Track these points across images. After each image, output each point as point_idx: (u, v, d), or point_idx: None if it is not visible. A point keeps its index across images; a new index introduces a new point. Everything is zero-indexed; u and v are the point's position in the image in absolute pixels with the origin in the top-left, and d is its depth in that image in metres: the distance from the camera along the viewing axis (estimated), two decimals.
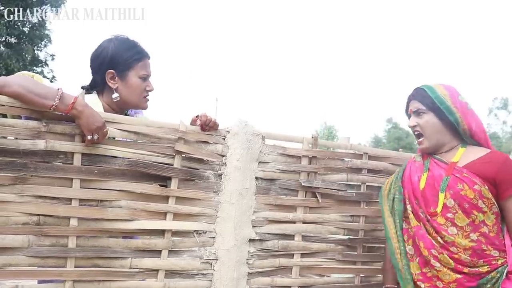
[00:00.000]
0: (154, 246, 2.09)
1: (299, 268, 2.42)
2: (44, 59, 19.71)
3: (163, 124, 2.11)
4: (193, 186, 2.17)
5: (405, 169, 2.38)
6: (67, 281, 1.91)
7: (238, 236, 2.24)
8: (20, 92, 1.78)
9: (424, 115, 2.25)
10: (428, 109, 2.23)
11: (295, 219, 2.41)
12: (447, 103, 2.21)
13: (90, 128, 1.86)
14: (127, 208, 2.03)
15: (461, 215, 2.12)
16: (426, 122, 2.24)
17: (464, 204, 2.11)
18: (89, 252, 1.96)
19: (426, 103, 2.24)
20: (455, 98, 2.24)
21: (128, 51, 2.20)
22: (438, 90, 2.24)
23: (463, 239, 2.11)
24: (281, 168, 2.38)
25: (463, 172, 2.15)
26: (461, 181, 2.13)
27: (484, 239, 2.11)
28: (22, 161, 1.84)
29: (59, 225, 1.91)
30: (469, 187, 2.11)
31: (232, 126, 2.27)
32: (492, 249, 2.10)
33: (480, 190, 2.10)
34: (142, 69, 2.22)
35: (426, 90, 2.26)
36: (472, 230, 2.11)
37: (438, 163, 2.25)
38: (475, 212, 2.11)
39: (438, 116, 2.22)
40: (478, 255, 2.10)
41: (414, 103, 2.29)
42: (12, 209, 1.83)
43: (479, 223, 2.11)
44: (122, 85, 2.19)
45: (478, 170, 2.14)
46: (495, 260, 2.09)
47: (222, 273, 2.20)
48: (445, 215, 2.15)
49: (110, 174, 2.00)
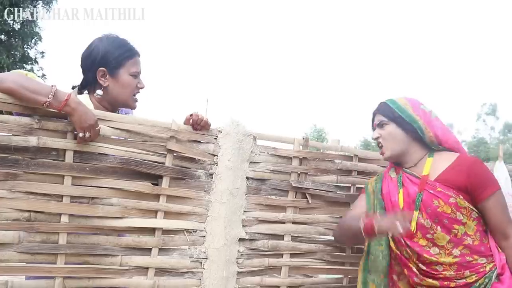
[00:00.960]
0: (145, 244, 2.10)
1: (288, 268, 2.44)
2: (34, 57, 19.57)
3: (155, 123, 2.12)
4: (184, 185, 2.19)
5: (383, 185, 2.37)
6: (57, 278, 1.92)
7: (228, 235, 2.25)
8: (13, 88, 1.78)
9: (386, 126, 2.27)
10: (389, 120, 2.26)
11: (285, 220, 2.43)
12: (408, 111, 2.24)
13: (83, 126, 1.87)
14: (118, 206, 2.04)
15: (440, 234, 2.12)
16: (388, 133, 2.26)
17: (443, 220, 2.11)
18: (80, 249, 1.96)
19: (387, 115, 2.27)
20: (417, 107, 2.27)
21: (119, 49, 2.21)
22: (399, 101, 2.28)
23: (446, 257, 2.11)
24: (272, 168, 2.40)
25: (436, 187, 2.14)
26: (435, 197, 2.13)
27: (469, 250, 2.11)
28: (14, 157, 1.84)
29: (50, 222, 1.92)
30: (444, 203, 2.11)
31: (223, 126, 2.28)
32: (478, 257, 2.11)
33: (455, 202, 2.10)
34: (133, 66, 2.23)
35: (387, 103, 2.30)
36: (454, 246, 2.11)
37: (411, 178, 2.25)
38: (455, 226, 2.11)
39: (400, 126, 2.24)
40: (464, 267, 2.10)
41: (377, 116, 2.32)
42: (3, 205, 1.84)
43: (461, 236, 2.11)
44: (113, 83, 2.20)
45: (449, 182, 2.14)
46: (483, 267, 2.10)
47: (211, 272, 2.22)
48: (425, 236, 2.15)
49: (102, 171, 2.01)
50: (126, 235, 2.11)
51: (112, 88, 2.20)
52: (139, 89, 2.28)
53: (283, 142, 2.46)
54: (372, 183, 2.42)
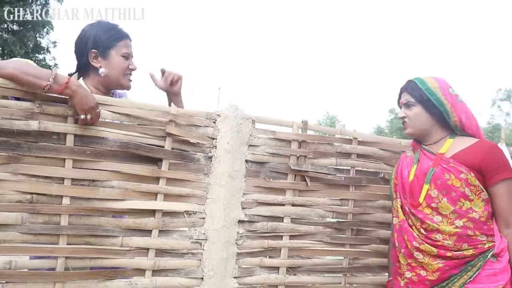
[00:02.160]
0: (145, 226, 2.14)
1: (287, 250, 2.47)
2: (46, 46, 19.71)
3: (154, 107, 2.16)
4: (183, 168, 2.23)
5: (398, 164, 2.44)
6: (59, 258, 1.97)
7: (228, 217, 2.30)
8: (15, 73, 1.83)
9: (413, 108, 2.31)
10: (417, 102, 2.29)
11: (284, 202, 2.46)
12: (437, 95, 2.26)
13: (84, 108, 1.91)
14: (119, 188, 2.08)
15: (444, 204, 2.17)
16: (414, 114, 2.30)
17: (451, 193, 2.16)
18: (81, 230, 2.01)
19: (415, 96, 2.29)
20: (445, 90, 2.29)
21: (108, 32, 2.30)
22: (429, 83, 2.29)
23: (447, 226, 2.16)
24: (271, 151, 2.43)
25: (450, 162, 2.20)
26: (447, 171, 2.18)
27: (472, 224, 2.15)
28: (16, 141, 1.89)
29: (52, 204, 1.96)
30: (455, 177, 2.16)
31: (222, 110, 2.32)
32: (479, 234, 2.15)
33: (466, 178, 2.15)
34: (123, 47, 2.32)
35: (416, 83, 2.31)
36: (458, 217, 2.16)
37: (427, 154, 2.30)
38: (462, 200, 2.15)
39: (427, 109, 2.28)
40: (463, 240, 2.14)
41: (404, 95, 2.35)
42: (6, 187, 1.89)
43: (466, 209, 2.15)
44: (105, 64, 2.28)
45: (464, 159, 2.19)
46: (482, 244, 2.14)
47: (211, 253, 2.26)
48: (430, 205, 2.21)
49: (102, 155, 2.05)
50: (126, 217, 2.16)
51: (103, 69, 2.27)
52: (131, 70, 2.35)
53: (282, 126, 2.49)
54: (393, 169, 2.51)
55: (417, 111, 2.30)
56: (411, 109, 2.31)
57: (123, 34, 2.36)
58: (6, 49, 16.96)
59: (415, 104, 2.30)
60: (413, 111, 2.31)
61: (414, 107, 2.30)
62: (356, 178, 2.63)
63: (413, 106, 2.31)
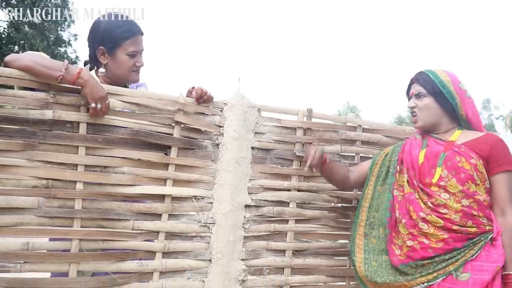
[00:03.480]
0: (155, 210, 2.23)
1: (293, 233, 2.55)
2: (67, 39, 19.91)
3: (163, 96, 2.24)
4: (191, 155, 2.31)
5: (406, 143, 2.47)
6: (74, 240, 2.06)
7: (235, 202, 2.38)
8: (30, 65, 1.93)
9: (424, 99, 2.33)
10: (428, 93, 2.32)
11: (290, 187, 2.54)
12: (449, 88, 2.29)
13: (94, 97, 2.00)
14: (129, 174, 2.17)
15: (453, 183, 2.21)
16: (425, 105, 2.33)
17: (461, 174, 2.20)
18: (94, 214, 2.10)
19: (427, 87, 2.32)
20: (456, 84, 2.32)
21: (118, 29, 2.28)
22: (441, 76, 2.32)
23: (454, 203, 2.20)
24: (277, 138, 2.51)
25: (461, 148, 2.24)
26: (459, 154, 2.23)
27: (477, 205, 2.19)
28: (32, 130, 1.98)
29: (66, 189, 2.06)
30: (466, 160, 2.21)
31: (229, 99, 2.39)
32: (482, 215, 2.19)
33: (476, 163, 2.20)
34: (130, 46, 2.30)
35: (429, 75, 2.33)
36: (464, 197, 2.20)
37: (437, 141, 2.34)
38: (469, 182, 2.20)
39: (437, 101, 2.31)
40: (468, 217, 2.18)
41: (415, 86, 2.37)
42: (22, 173, 1.98)
43: (473, 191, 2.20)
44: (111, 61, 2.31)
45: (474, 147, 2.24)
46: (484, 225, 2.19)
47: (219, 236, 2.34)
48: (439, 183, 2.24)
49: (114, 142, 2.13)
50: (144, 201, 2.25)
51: (110, 66, 2.31)
52: (138, 67, 2.35)
53: (287, 114, 2.55)
54: (388, 148, 2.53)
55: (427, 102, 2.32)
56: (422, 100, 2.34)
57: (133, 32, 2.33)
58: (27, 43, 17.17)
59: (426, 95, 2.32)
60: (424, 102, 2.33)
61: (425, 98, 2.33)
62: None
63: (424, 97, 2.33)
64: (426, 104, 2.33)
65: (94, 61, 2.36)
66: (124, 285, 2.16)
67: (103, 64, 2.32)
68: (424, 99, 2.33)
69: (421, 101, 2.34)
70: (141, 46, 2.37)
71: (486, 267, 2.14)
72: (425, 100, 2.33)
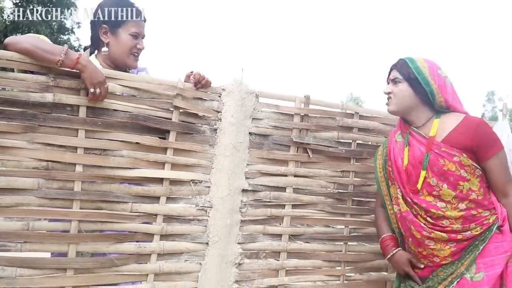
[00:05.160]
0: (153, 193, 2.26)
1: (290, 218, 2.58)
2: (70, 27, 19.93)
3: (162, 81, 2.26)
4: (190, 139, 2.33)
5: (389, 150, 2.44)
6: (73, 221, 2.10)
7: (232, 186, 2.41)
8: (30, 48, 1.96)
9: (400, 84, 2.32)
10: (404, 79, 2.30)
11: (287, 173, 2.56)
12: (424, 74, 2.27)
13: (93, 82, 2.02)
14: (128, 158, 2.20)
15: (446, 191, 2.20)
16: (399, 90, 2.31)
17: (449, 178, 2.20)
18: (93, 196, 2.13)
19: (403, 73, 2.31)
20: (434, 71, 2.29)
21: (122, 9, 2.33)
22: (418, 62, 2.30)
23: (452, 211, 2.21)
24: (274, 124, 2.53)
25: (441, 147, 2.22)
26: (441, 156, 2.21)
27: (474, 204, 2.20)
28: (32, 112, 2.01)
29: (66, 171, 2.09)
30: (449, 161, 2.19)
31: (227, 85, 2.41)
32: (482, 211, 2.21)
33: (459, 160, 2.19)
34: (133, 27, 2.34)
35: (406, 61, 2.33)
36: (460, 201, 2.20)
37: (417, 137, 2.31)
38: (461, 183, 2.20)
39: (412, 87, 2.29)
40: (469, 220, 2.20)
41: (393, 72, 2.37)
42: (23, 154, 2.01)
43: (466, 192, 2.20)
44: (113, 40, 2.34)
45: (455, 142, 2.21)
46: (487, 220, 2.20)
47: (216, 220, 2.38)
48: (431, 193, 2.24)
49: (113, 126, 2.16)
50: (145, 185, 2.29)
51: (112, 45, 2.34)
52: (138, 49, 2.38)
53: (285, 100, 2.58)
54: (380, 150, 2.53)
55: (402, 87, 2.31)
56: (397, 86, 2.33)
57: (136, 14, 2.38)
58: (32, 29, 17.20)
59: (401, 81, 2.31)
60: (399, 87, 2.32)
61: (401, 83, 2.32)
62: (357, 151, 2.72)
63: (400, 82, 2.32)
64: (401, 89, 2.31)
65: (95, 42, 2.38)
66: (122, 266, 2.20)
67: (105, 44, 2.34)
68: (399, 84, 2.32)
69: (396, 87, 2.33)
70: (143, 31, 2.41)
71: (496, 261, 2.16)
72: (400, 85, 2.32)
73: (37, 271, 2.05)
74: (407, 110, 2.34)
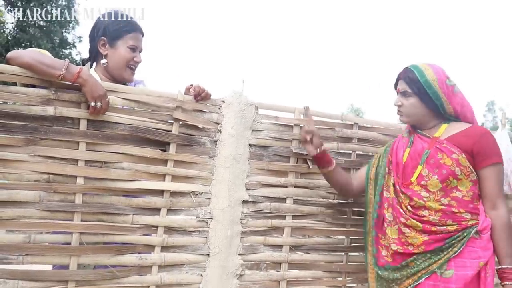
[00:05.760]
0: (154, 205, 2.27)
1: (290, 229, 2.58)
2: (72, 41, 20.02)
3: (161, 94, 2.28)
4: (190, 151, 2.34)
5: (394, 143, 2.49)
6: (74, 233, 2.10)
7: (232, 198, 2.41)
8: (31, 62, 1.98)
9: (410, 98, 2.33)
10: (413, 93, 2.32)
11: (287, 184, 2.57)
12: (434, 88, 2.28)
13: (93, 96, 2.04)
14: (129, 170, 2.21)
15: (433, 181, 2.24)
16: (410, 104, 2.33)
17: (442, 171, 2.23)
18: (94, 208, 2.14)
19: (412, 87, 2.31)
20: (443, 82, 2.30)
21: (121, 23, 2.38)
22: (427, 74, 2.30)
23: (433, 202, 2.24)
24: (274, 136, 2.54)
25: (443, 143, 2.26)
26: (440, 151, 2.25)
27: (457, 203, 2.23)
28: (33, 125, 2.03)
29: (67, 183, 2.10)
30: (447, 156, 2.23)
31: (226, 97, 2.42)
32: (464, 211, 2.22)
33: (457, 158, 2.22)
34: (131, 40, 2.39)
35: (415, 73, 2.32)
36: (443, 195, 2.24)
37: (422, 138, 2.36)
38: (450, 178, 2.22)
39: (423, 100, 2.31)
40: (447, 216, 2.22)
41: (402, 84, 2.37)
42: (24, 167, 2.03)
43: (451, 188, 2.23)
44: (111, 52, 2.38)
45: (457, 142, 2.25)
46: (465, 221, 2.21)
47: (217, 231, 2.38)
48: (420, 183, 2.28)
49: (113, 138, 2.17)
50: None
51: (110, 57, 2.38)
52: (136, 62, 2.43)
53: (284, 111, 2.59)
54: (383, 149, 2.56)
55: (413, 101, 2.33)
56: (408, 99, 2.34)
57: (135, 28, 2.43)
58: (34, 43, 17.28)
59: (411, 95, 2.32)
60: (409, 101, 2.34)
61: (411, 97, 2.33)
62: (357, 161, 2.72)
63: (410, 96, 2.33)
64: (411, 103, 2.34)
65: (94, 54, 2.41)
66: (123, 278, 2.20)
67: (103, 56, 2.37)
68: (410, 98, 2.34)
69: (407, 100, 2.35)
70: (141, 45, 2.45)
71: (468, 263, 2.18)
72: (411, 99, 2.34)
73: (38, 284, 2.05)
74: (418, 120, 2.38)
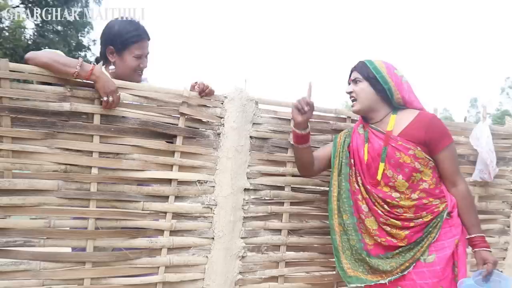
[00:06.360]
0: (163, 193, 2.34)
1: (288, 215, 2.65)
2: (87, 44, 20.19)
3: (169, 90, 2.34)
4: (195, 143, 2.41)
5: (352, 140, 2.48)
6: (90, 219, 2.18)
7: (235, 186, 2.48)
8: (48, 62, 2.05)
9: (360, 83, 2.37)
10: (364, 78, 2.36)
11: (285, 173, 2.64)
12: (382, 73, 2.33)
13: (106, 91, 2.11)
14: (139, 160, 2.27)
15: (400, 182, 2.28)
16: (360, 89, 2.37)
17: (405, 169, 2.27)
18: (108, 196, 2.21)
19: (363, 73, 2.37)
20: (391, 71, 2.36)
21: (127, 33, 2.39)
22: (376, 63, 2.37)
23: (405, 201, 2.29)
24: (273, 128, 2.60)
25: (398, 141, 2.28)
26: (397, 150, 2.28)
27: (425, 194, 2.29)
28: (51, 120, 2.10)
29: (83, 173, 2.17)
30: (404, 154, 2.26)
31: (229, 93, 2.49)
32: (433, 199, 2.29)
33: (414, 154, 2.26)
34: (137, 49, 2.41)
35: (365, 63, 2.39)
36: (412, 191, 2.29)
37: (376, 133, 2.37)
38: (414, 174, 2.27)
39: (372, 85, 2.35)
40: (421, 209, 2.28)
41: (354, 73, 2.42)
42: (44, 159, 2.10)
43: (417, 181, 2.28)
44: (118, 61, 2.42)
45: (411, 136, 2.28)
46: (437, 208, 2.28)
47: (220, 216, 2.45)
48: (388, 184, 2.32)
49: (124, 131, 2.24)
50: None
51: (117, 65, 2.42)
52: (141, 68, 2.47)
53: (282, 106, 2.65)
54: (341, 136, 2.54)
55: (363, 86, 2.36)
56: (358, 85, 2.38)
57: (141, 36, 2.44)
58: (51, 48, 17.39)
59: (362, 80, 2.37)
60: (360, 87, 2.37)
61: (361, 83, 2.37)
62: None
63: (360, 82, 2.37)
64: (361, 88, 2.37)
65: (103, 58, 2.47)
66: (136, 259, 2.28)
67: (111, 62, 2.43)
68: (360, 84, 2.37)
69: (357, 86, 2.38)
70: (146, 50, 2.48)
71: (446, 244, 2.25)
72: (361, 84, 2.37)
73: (59, 265, 2.14)
74: (368, 109, 2.39)
